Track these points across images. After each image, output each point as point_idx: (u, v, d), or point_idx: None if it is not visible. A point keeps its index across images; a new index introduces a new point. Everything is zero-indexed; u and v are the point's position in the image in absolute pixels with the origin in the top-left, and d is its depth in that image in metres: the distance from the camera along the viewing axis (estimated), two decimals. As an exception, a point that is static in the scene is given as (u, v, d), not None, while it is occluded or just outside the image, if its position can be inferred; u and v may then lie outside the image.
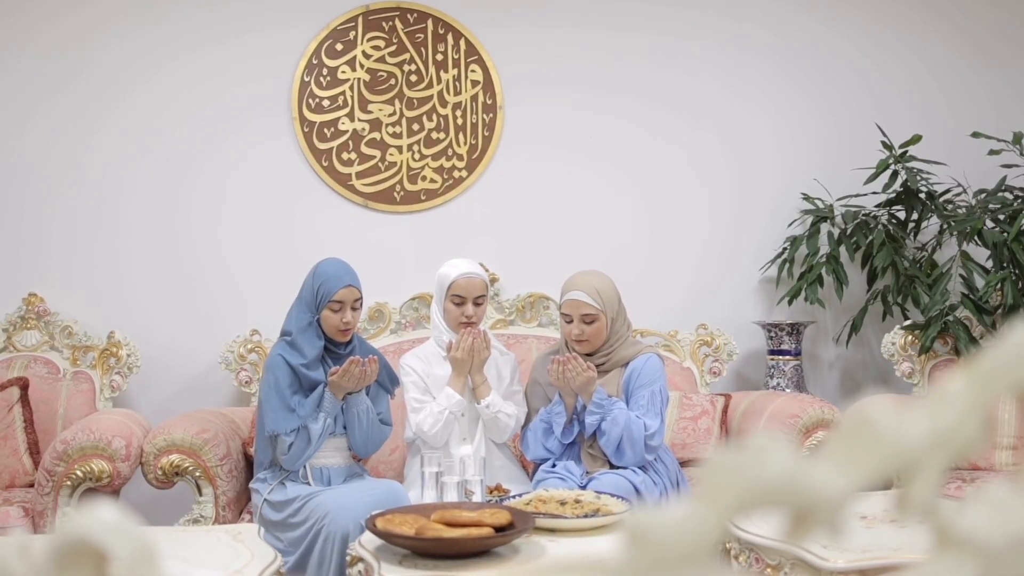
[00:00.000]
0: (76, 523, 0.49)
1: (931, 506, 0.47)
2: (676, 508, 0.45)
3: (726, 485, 0.44)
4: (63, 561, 0.49)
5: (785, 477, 0.44)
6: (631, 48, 3.76)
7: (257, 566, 1.82)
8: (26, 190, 3.44)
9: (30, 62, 3.44)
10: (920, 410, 0.47)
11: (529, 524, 1.92)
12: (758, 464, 0.44)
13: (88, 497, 2.72)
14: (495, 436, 2.82)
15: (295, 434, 2.56)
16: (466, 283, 2.80)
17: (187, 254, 3.52)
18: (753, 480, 0.44)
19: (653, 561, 0.44)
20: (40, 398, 3.08)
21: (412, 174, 3.62)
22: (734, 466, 0.44)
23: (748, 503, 0.44)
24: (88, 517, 0.48)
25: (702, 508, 0.44)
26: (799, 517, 0.46)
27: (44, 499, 2.62)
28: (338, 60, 3.57)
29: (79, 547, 0.49)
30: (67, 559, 0.49)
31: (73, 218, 3.46)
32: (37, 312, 3.30)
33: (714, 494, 0.44)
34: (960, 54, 3.95)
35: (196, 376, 3.46)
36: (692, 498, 0.45)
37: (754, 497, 0.44)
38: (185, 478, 2.72)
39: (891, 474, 0.46)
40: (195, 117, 3.52)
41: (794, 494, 0.45)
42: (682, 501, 0.45)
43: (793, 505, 0.45)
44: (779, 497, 0.45)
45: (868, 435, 0.46)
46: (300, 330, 2.63)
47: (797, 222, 3.81)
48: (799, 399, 3.14)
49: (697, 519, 0.44)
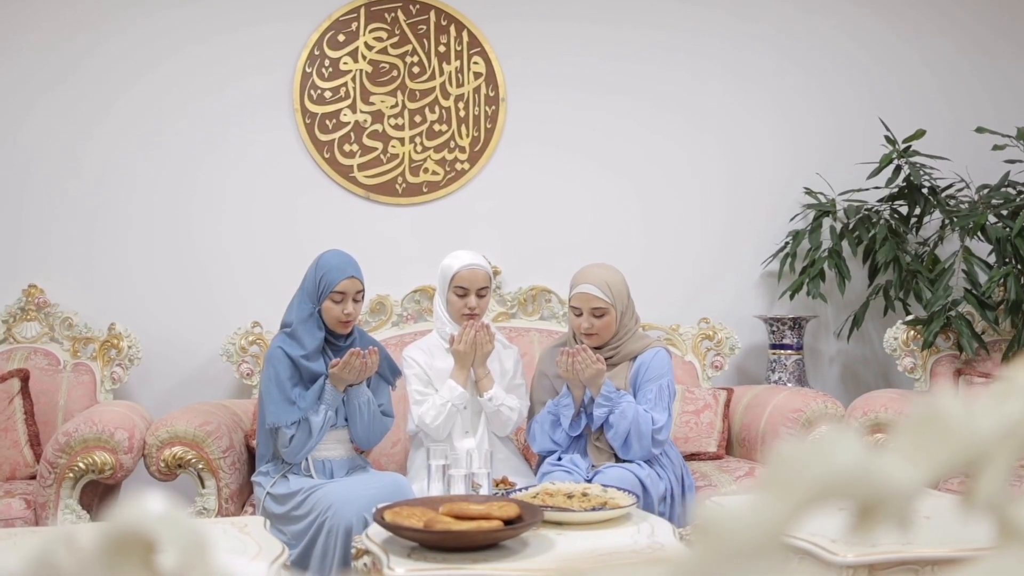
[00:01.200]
0: (125, 514, 0.48)
1: (1000, 499, 0.46)
2: (745, 500, 0.44)
3: (796, 477, 0.43)
4: (112, 553, 0.48)
5: (855, 469, 0.44)
6: (634, 44, 3.75)
7: (265, 558, 1.81)
8: (26, 182, 3.41)
9: (31, 54, 3.41)
10: (989, 400, 0.46)
11: (538, 517, 1.91)
12: (828, 455, 0.43)
13: (90, 490, 2.70)
14: (498, 429, 2.81)
15: (296, 427, 2.55)
16: (469, 275, 2.79)
17: (188, 246, 3.50)
18: (824, 472, 0.43)
19: (722, 554, 0.43)
20: (40, 390, 3.06)
21: (414, 166, 3.60)
22: (804, 457, 0.43)
23: (819, 495, 0.43)
24: (138, 508, 0.47)
25: (772, 500, 0.43)
26: (866, 510, 0.45)
27: (46, 491, 2.60)
28: (340, 51, 3.55)
29: (129, 538, 0.47)
30: (116, 550, 0.48)
31: (73, 210, 3.43)
32: (37, 303, 3.28)
33: (784, 486, 0.43)
34: (961, 51, 3.95)
35: (197, 368, 3.44)
36: (760, 490, 0.44)
37: (825, 489, 0.43)
38: (188, 470, 2.70)
39: (961, 465, 0.45)
40: (196, 108, 3.50)
41: (864, 486, 0.44)
42: (751, 493, 0.44)
43: (862, 497, 0.44)
44: (849, 489, 0.44)
45: (938, 426, 0.45)
46: (301, 321, 2.61)
47: (799, 216, 3.80)
48: (802, 394, 3.14)
49: (767, 512, 0.43)
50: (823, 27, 3.89)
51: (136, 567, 0.48)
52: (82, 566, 0.48)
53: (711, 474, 2.93)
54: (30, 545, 0.45)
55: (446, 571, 1.78)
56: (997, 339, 3.34)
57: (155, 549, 0.49)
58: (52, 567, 0.49)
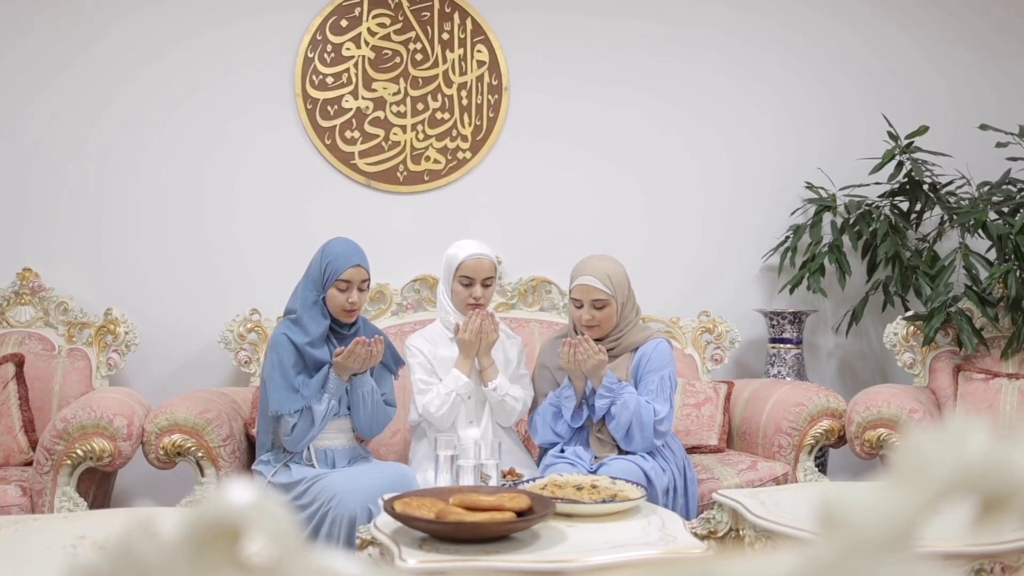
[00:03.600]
0: (213, 503, 0.45)
1: None
2: (871, 492, 0.42)
3: (930, 468, 0.41)
4: (198, 542, 0.45)
5: (987, 460, 0.42)
6: (637, 36, 3.73)
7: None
8: (24, 166, 3.35)
9: (35, 40, 3.35)
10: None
11: (550, 509, 1.90)
12: (961, 447, 0.42)
13: (87, 477, 2.67)
14: (502, 419, 2.79)
15: (299, 415, 2.52)
16: (475, 264, 2.77)
17: (185, 232, 3.45)
18: (958, 463, 0.41)
19: (850, 547, 0.41)
20: (35, 375, 3.02)
21: (416, 154, 3.57)
22: (938, 448, 0.42)
23: (952, 487, 0.41)
24: (227, 496, 0.45)
25: (905, 491, 0.41)
26: (993, 503, 0.43)
27: (43, 478, 2.56)
28: (343, 37, 3.50)
29: (218, 529, 0.45)
30: (203, 540, 0.45)
31: (69, 194, 3.38)
32: (31, 287, 3.23)
33: (914, 478, 0.42)
34: (964, 48, 3.96)
35: (193, 355, 3.40)
36: (892, 481, 0.42)
37: (958, 481, 0.42)
38: (187, 459, 2.67)
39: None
40: (197, 94, 3.45)
41: (995, 478, 0.42)
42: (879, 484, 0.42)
43: (991, 490, 0.43)
44: (980, 481, 0.42)
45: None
46: (305, 308, 2.58)
47: (800, 211, 3.80)
48: (804, 387, 3.13)
49: (900, 504, 0.41)
50: (827, 21, 3.88)
51: (224, 558, 0.46)
52: (167, 558, 0.46)
53: (713, 467, 2.92)
54: (114, 532, 0.42)
55: (458, 562, 1.76)
56: (996, 336, 3.35)
57: (242, 540, 0.47)
58: (136, 559, 0.46)
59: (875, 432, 2.87)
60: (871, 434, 2.88)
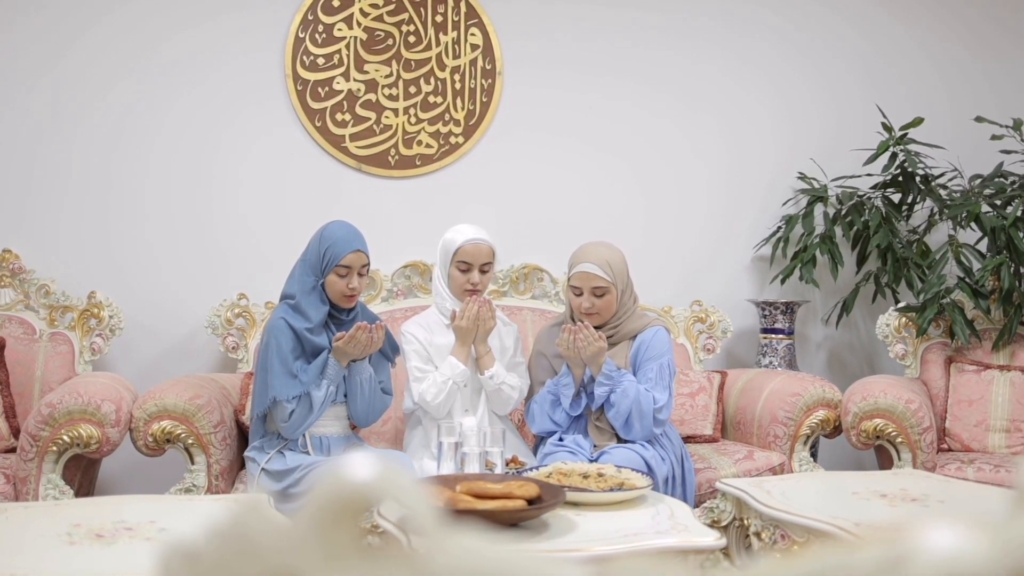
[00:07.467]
0: (343, 481, 0.41)
1: None
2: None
3: None
4: (325, 524, 0.41)
5: None
6: (633, 25, 3.70)
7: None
8: (3, 144, 3.25)
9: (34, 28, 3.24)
10: None
11: (560, 497, 1.86)
12: None
13: (72, 464, 2.59)
14: (498, 408, 2.75)
15: (297, 401, 2.46)
16: (473, 249, 2.72)
17: (170, 213, 3.37)
18: None
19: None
20: (16, 360, 2.92)
21: (407, 138, 3.51)
22: None
23: None
24: (357, 473, 0.41)
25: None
26: None
27: (27, 465, 2.48)
28: (335, 17, 3.43)
29: (347, 507, 0.41)
30: (330, 522, 0.41)
31: (51, 174, 3.28)
32: (12, 269, 3.13)
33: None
34: (959, 40, 3.97)
35: (179, 340, 3.33)
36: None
37: None
38: (176, 445, 2.60)
39: None
40: (184, 72, 3.36)
41: None
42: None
43: None
44: None
45: None
46: (304, 293, 2.51)
47: (791, 201, 3.79)
48: (798, 378, 3.13)
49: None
50: (823, 12, 3.87)
51: (349, 540, 0.41)
52: (286, 542, 0.41)
53: (709, 456, 2.91)
54: (209, 514, 0.38)
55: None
56: (988, 328, 3.37)
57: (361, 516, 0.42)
58: (248, 542, 0.42)
59: (871, 422, 2.87)
60: (867, 424, 2.87)
